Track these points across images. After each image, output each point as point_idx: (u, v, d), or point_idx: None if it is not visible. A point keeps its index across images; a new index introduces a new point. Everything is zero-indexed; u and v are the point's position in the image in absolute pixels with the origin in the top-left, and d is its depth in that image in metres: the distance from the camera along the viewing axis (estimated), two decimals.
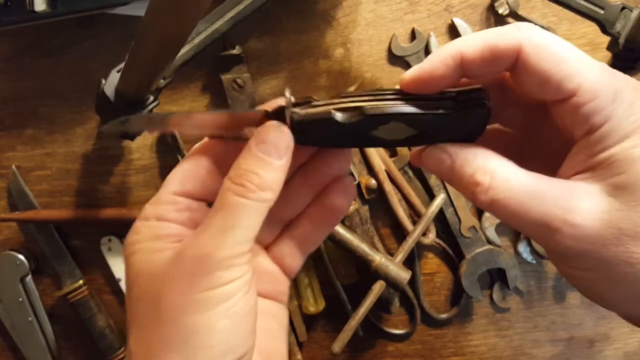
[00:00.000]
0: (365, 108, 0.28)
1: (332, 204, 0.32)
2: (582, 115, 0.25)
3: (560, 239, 0.25)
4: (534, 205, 0.25)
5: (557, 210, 0.25)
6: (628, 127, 0.25)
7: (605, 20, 0.49)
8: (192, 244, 0.27)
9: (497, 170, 0.26)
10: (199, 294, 0.25)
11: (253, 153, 0.28)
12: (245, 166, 0.28)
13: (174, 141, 0.56)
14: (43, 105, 0.57)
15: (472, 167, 0.27)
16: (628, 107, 0.25)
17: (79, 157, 0.58)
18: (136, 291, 0.28)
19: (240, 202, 0.27)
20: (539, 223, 0.25)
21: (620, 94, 0.25)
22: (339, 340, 0.55)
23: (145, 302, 0.27)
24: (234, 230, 0.26)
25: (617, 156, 0.25)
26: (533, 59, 0.26)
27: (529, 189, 0.26)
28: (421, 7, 0.57)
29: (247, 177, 0.27)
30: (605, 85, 0.25)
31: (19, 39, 0.57)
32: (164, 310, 0.26)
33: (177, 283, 0.26)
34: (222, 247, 0.26)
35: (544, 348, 0.61)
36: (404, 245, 0.56)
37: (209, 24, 0.48)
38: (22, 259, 0.57)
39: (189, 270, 0.26)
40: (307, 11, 0.57)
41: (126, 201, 0.58)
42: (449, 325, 0.60)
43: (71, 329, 0.60)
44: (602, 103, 0.25)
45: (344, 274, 0.57)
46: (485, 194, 0.26)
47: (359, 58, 0.57)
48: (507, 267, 0.57)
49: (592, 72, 0.26)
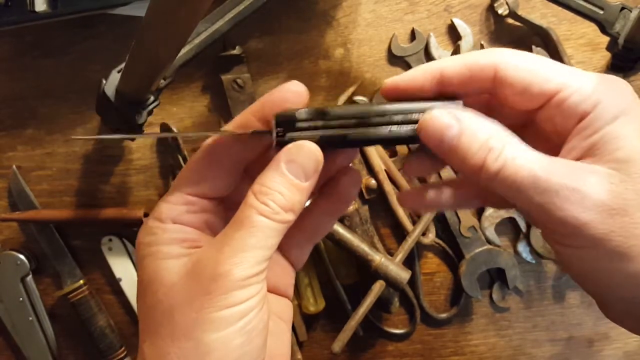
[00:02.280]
0: (350, 137, 0.29)
1: (341, 192, 0.33)
2: (571, 106, 0.27)
3: (568, 207, 0.25)
4: (544, 174, 0.25)
5: (566, 181, 0.25)
6: (616, 109, 0.26)
7: (605, 20, 0.49)
8: (211, 259, 0.26)
9: (511, 139, 0.27)
10: (215, 312, 0.25)
11: (281, 171, 0.27)
12: (271, 184, 0.27)
13: (174, 141, 0.56)
14: (43, 105, 0.57)
15: (486, 132, 0.27)
16: (613, 92, 0.27)
17: (79, 157, 0.58)
18: (150, 298, 0.28)
19: (263, 223, 0.27)
20: (548, 193, 0.25)
21: (602, 83, 0.27)
22: (339, 340, 0.55)
23: (159, 311, 0.27)
24: (254, 250, 0.26)
25: (611, 134, 0.26)
26: (511, 72, 0.27)
27: (540, 160, 0.26)
28: (421, 8, 0.57)
29: (272, 197, 0.27)
30: (585, 77, 0.27)
31: (19, 39, 0.57)
32: (181, 324, 0.26)
33: (194, 299, 0.26)
34: (240, 266, 0.26)
35: (543, 348, 0.61)
36: (404, 245, 0.56)
37: (209, 24, 0.48)
38: (22, 259, 0.57)
39: (206, 287, 0.26)
40: (307, 11, 0.57)
41: (126, 201, 0.58)
42: (448, 325, 0.60)
43: (71, 329, 0.60)
44: (587, 91, 0.26)
45: (344, 274, 0.57)
46: (497, 160, 0.26)
47: (359, 58, 0.57)
48: (506, 266, 0.57)
49: (569, 70, 0.27)
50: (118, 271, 0.58)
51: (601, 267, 0.26)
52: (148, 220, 0.30)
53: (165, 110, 0.57)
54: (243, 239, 0.26)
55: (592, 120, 0.26)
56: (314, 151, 0.28)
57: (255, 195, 0.27)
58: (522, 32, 0.56)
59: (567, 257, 0.27)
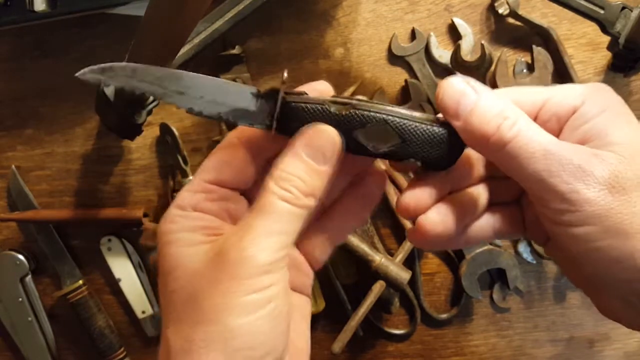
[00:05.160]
0: (357, 103, 0.28)
1: (366, 193, 0.33)
2: (561, 104, 0.29)
3: (573, 182, 0.26)
4: (554, 148, 0.26)
5: (573, 157, 0.26)
6: (602, 104, 0.28)
7: (606, 20, 0.49)
8: (235, 245, 0.26)
9: (524, 114, 0.28)
10: (242, 297, 0.25)
11: (299, 156, 0.28)
12: (291, 169, 0.27)
13: (173, 141, 0.55)
14: (43, 105, 0.57)
15: (502, 103, 0.28)
16: (598, 92, 0.29)
17: (79, 157, 0.58)
18: (172, 284, 0.27)
19: (285, 208, 0.27)
20: (556, 166, 0.26)
21: (587, 87, 0.29)
22: (339, 340, 0.55)
23: (182, 297, 0.27)
24: (278, 235, 0.27)
25: (601, 124, 0.27)
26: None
27: (549, 136, 0.27)
28: (421, 7, 0.57)
29: (293, 183, 0.27)
30: (570, 86, 0.29)
31: (19, 39, 0.57)
32: (206, 309, 0.26)
33: (219, 284, 0.26)
34: (265, 251, 0.26)
35: (544, 348, 0.61)
36: (404, 245, 0.56)
37: (209, 24, 0.48)
38: (21, 259, 0.57)
39: (232, 272, 0.26)
40: (307, 11, 0.57)
41: (126, 201, 0.58)
42: (449, 325, 0.60)
43: (71, 329, 0.60)
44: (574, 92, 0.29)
45: (344, 274, 0.57)
46: (511, 129, 0.27)
47: (359, 58, 0.57)
48: (507, 267, 0.57)
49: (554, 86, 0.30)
50: (117, 271, 0.58)
51: (597, 247, 0.26)
52: (170, 209, 0.29)
53: (164, 110, 0.57)
54: (266, 224, 0.27)
55: (582, 112, 0.28)
56: (332, 134, 0.28)
57: (275, 181, 0.27)
58: (522, 32, 0.56)
59: (563, 239, 0.28)
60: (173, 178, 0.57)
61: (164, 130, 0.56)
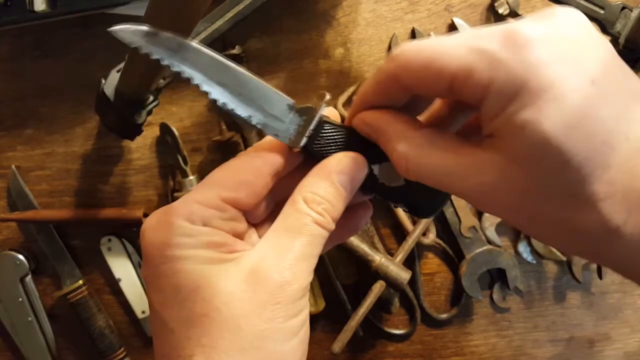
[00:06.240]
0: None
1: (351, 222, 0.32)
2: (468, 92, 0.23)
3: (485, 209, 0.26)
4: (453, 182, 0.25)
5: (472, 186, 0.24)
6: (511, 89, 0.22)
7: (606, 20, 0.49)
8: (274, 268, 0.26)
9: (410, 151, 0.26)
10: (284, 322, 0.25)
11: (332, 181, 0.28)
12: (323, 193, 0.27)
13: (173, 141, 0.55)
14: (43, 105, 0.57)
15: (393, 148, 0.27)
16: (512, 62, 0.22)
17: (79, 157, 0.58)
18: (202, 307, 0.25)
19: (318, 232, 0.27)
20: (464, 197, 0.25)
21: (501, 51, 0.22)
22: (339, 340, 0.55)
23: (218, 321, 0.25)
24: (312, 259, 0.27)
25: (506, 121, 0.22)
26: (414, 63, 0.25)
27: (442, 170, 0.25)
28: (421, 7, 0.57)
29: (324, 207, 0.27)
30: (480, 51, 0.23)
31: (19, 39, 0.57)
32: (249, 336, 0.25)
33: (262, 309, 0.25)
34: (303, 276, 0.26)
35: (544, 348, 0.61)
36: (404, 245, 0.56)
37: (209, 24, 0.48)
38: (21, 259, 0.57)
39: (274, 296, 0.25)
40: (307, 11, 0.57)
41: (126, 201, 0.58)
42: (449, 325, 0.60)
43: (71, 329, 0.59)
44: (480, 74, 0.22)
45: (344, 274, 0.57)
46: (407, 172, 0.26)
47: (359, 58, 0.57)
48: (507, 267, 0.57)
49: (466, 46, 0.23)
50: (117, 271, 0.58)
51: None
52: (172, 219, 0.26)
53: (164, 110, 0.57)
54: (301, 247, 0.26)
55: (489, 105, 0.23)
56: (364, 164, 0.28)
57: (308, 203, 0.27)
58: None
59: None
60: (173, 178, 0.57)
61: (164, 130, 0.56)
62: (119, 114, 0.46)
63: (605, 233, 0.23)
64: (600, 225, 0.23)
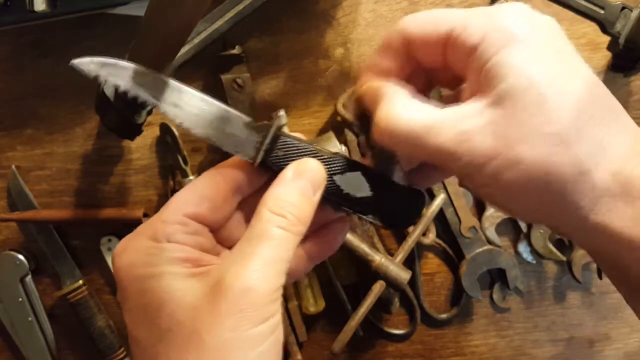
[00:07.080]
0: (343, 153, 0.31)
1: (329, 238, 0.33)
2: (461, 44, 0.27)
3: (460, 161, 0.26)
4: (430, 137, 0.26)
5: (451, 136, 0.26)
6: (503, 38, 0.26)
7: (606, 20, 0.49)
8: (235, 276, 0.26)
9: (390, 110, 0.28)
10: (251, 329, 0.25)
11: (292, 185, 0.29)
12: (285, 197, 0.28)
13: (173, 141, 0.55)
14: (43, 105, 0.57)
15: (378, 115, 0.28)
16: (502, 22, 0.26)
17: (79, 157, 0.58)
18: (166, 322, 0.26)
19: (282, 234, 0.27)
20: (439, 154, 0.26)
21: (492, 15, 0.27)
22: (339, 340, 0.55)
23: (182, 335, 0.25)
24: (278, 263, 0.27)
25: (495, 66, 0.25)
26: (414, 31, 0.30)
27: (422, 123, 0.27)
28: (421, 7, 0.57)
29: (287, 209, 0.28)
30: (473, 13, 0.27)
31: (19, 39, 0.57)
32: (213, 347, 0.25)
33: (225, 318, 0.25)
34: (269, 280, 0.26)
35: (544, 348, 0.61)
36: (404, 245, 0.56)
37: (209, 24, 0.48)
38: (22, 259, 0.57)
39: (237, 305, 0.25)
40: (307, 11, 0.57)
41: (126, 201, 0.58)
42: (449, 325, 0.60)
43: (71, 329, 0.59)
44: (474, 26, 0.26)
45: (344, 274, 0.57)
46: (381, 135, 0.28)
47: (359, 58, 0.57)
48: (507, 267, 0.57)
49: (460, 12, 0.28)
50: None
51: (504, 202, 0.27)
52: (137, 240, 0.28)
53: None
54: (265, 252, 0.26)
55: (479, 53, 0.26)
56: (320, 167, 0.30)
57: (270, 208, 0.28)
58: None
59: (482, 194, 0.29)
60: (173, 178, 0.57)
61: (164, 130, 0.56)
62: (119, 114, 0.46)
63: (577, 176, 0.24)
64: (573, 167, 0.24)
